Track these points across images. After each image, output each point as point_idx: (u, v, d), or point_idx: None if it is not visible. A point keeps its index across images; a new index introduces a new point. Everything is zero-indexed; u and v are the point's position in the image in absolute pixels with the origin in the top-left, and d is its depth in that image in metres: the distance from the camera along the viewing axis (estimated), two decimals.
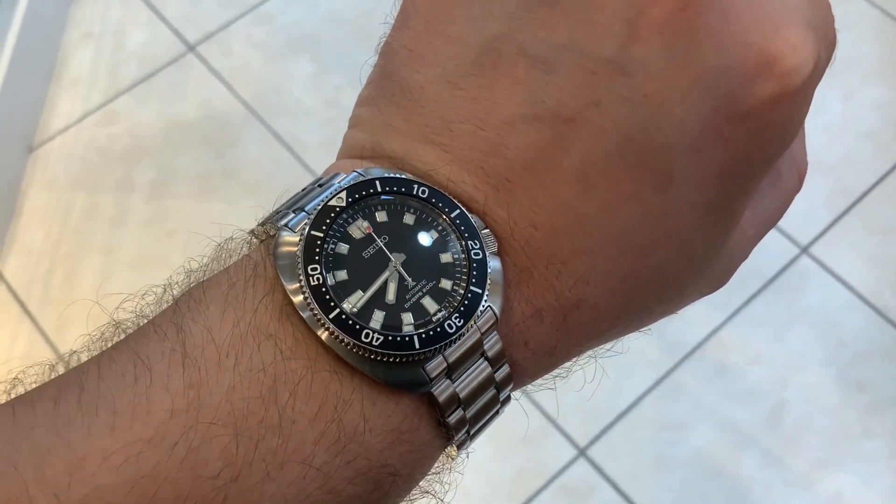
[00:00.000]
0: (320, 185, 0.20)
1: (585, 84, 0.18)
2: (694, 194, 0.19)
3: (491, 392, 0.19)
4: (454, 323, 0.18)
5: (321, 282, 0.18)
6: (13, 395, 0.18)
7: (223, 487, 0.16)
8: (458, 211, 0.19)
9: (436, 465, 0.20)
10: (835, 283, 1.14)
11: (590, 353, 0.22)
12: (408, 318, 0.18)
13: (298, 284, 0.18)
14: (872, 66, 1.29)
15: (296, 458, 0.16)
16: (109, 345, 0.19)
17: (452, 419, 0.19)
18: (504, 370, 0.19)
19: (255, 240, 0.20)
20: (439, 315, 0.19)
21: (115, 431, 0.16)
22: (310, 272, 0.18)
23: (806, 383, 1.09)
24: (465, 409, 0.19)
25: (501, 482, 1.03)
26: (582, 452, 1.05)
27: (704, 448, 1.05)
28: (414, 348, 0.18)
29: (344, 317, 0.18)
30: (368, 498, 0.18)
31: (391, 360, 0.18)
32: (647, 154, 0.18)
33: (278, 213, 0.20)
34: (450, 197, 0.19)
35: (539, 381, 0.22)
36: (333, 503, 0.17)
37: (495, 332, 0.19)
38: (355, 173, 0.20)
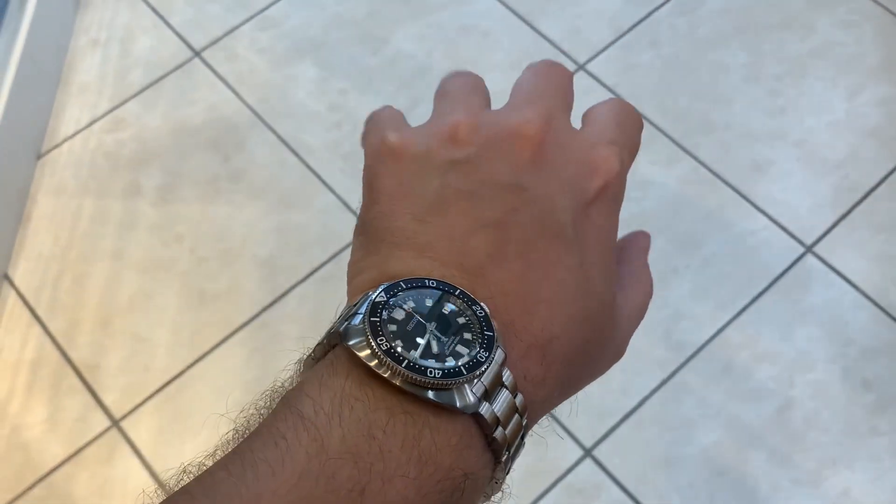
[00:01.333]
0: (355, 305, 0.27)
1: (502, 200, 0.29)
2: (588, 254, 0.29)
3: (517, 417, 0.27)
4: (483, 355, 0.26)
5: (390, 347, 0.26)
6: (182, 482, 0.25)
7: (357, 497, 0.23)
8: (459, 290, 0.27)
9: (491, 483, 0.28)
10: (840, 282, 1.14)
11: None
12: (451, 360, 0.26)
13: (371, 353, 0.26)
14: (877, 63, 1.29)
15: (398, 474, 0.24)
16: (237, 441, 0.26)
17: (497, 435, 0.26)
18: (520, 398, 0.27)
19: (321, 349, 0.28)
20: (471, 354, 0.26)
21: (275, 475, 0.23)
22: (379, 343, 0.26)
23: (813, 382, 1.09)
24: (504, 428, 0.26)
25: (509, 482, 1.03)
26: (588, 452, 1.05)
27: (711, 447, 1.05)
28: (463, 375, 0.26)
29: (411, 363, 0.26)
30: (451, 497, 0.25)
31: (448, 385, 0.26)
32: (553, 231, 0.29)
33: (335, 326, 0.27)
34: (450, 283, 0.28)
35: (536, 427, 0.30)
36: (429, 502, 0.24)
37: (507, 368, 0.27)
38: (383, 284, 0.27)
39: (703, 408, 1.07)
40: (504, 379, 0.27)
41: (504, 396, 0.26)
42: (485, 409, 0.26)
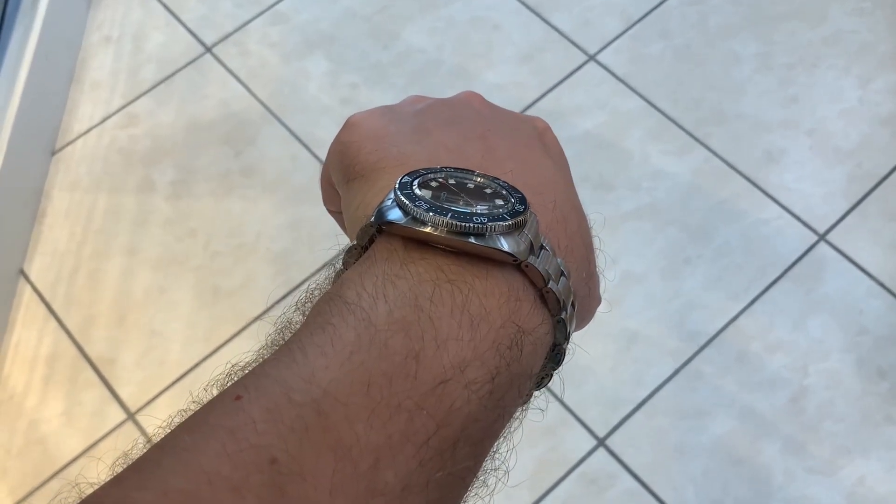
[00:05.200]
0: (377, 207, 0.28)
1: (475, 123, 0.32)
2: (559, 162, 0.32)
3: (564, 279, 0.27)
4: (521, 206, 0.27)
5: (429, 206, 0.26)
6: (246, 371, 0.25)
7: (412, 362, 0.23)
8: (477, 171, 0.28)
9: (556, 357, 0.28)
10: (854, 270, 1.14)
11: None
12: (491, 211, 0.27)
13: (413, 217, 0.26)
14: (889, 51, 1.28)
15: (451, 338, 0.24)
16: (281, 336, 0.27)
17: (552, 287, 0.26)
18: (561, 261, 0.27)
19: (356, 249, 0.28)
20: (507, 206, 0.27)
21: (325, 354, 0.23)
22: (417, 205, 0.26)
23: (827, 370, 1.08)
24: (556, 283, 0.27)
25: (522, 472, 1.04)
26: (601, 442, 1.06)
27: (725, 436, 1.05)
28: (506, 220, 0.26)
29: (458, 213, 0.26)
30: (510, 353, 0.25)
31: (494, 229, 0.25)
32: (528, 141, 0.32)
33: (368, 217, 0.27)
34: (465, 168, 0.29)
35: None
36: (487, 359, 0.24)
37: (543, 234, 0.27)
38: (401, 177, 0.28)
39: (716, 397, 1.07)
40: (544, 241, 0.27)
41: (548, 256, 0.27)
42: (534, 261, 0.26)
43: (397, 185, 0.27)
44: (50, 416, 1.12)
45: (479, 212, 0.26)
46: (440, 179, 0.28)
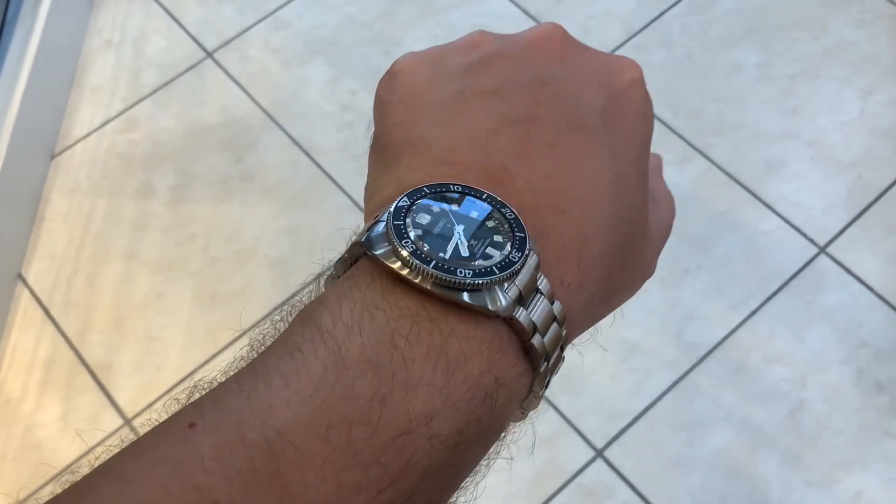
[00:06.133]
0: (376, 217, 0.26)
1: (526, 95, 0.28)
2: (621, 149, 0.28)
3: (555, 326, 0.25)
4: (516, 255, 0.25)
5: (415, 249, 0.24)
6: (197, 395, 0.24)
7: (377, 407, 0.22)
8: (486, 193, 0.26)
9: (530, 407, 0.26)
10: (854, 283, 1.13)
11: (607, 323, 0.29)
12: (481, 262, 0.25)
13: (397, 256, 0.24)
14: (891, 63, 1.28)
15: (422, 383, 0.22)
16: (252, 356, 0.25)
17: (535, 342, 0.25)
18: (559, 305, 0.26)
19: (341, 265, 0.26)
20: (503, 254, 0.25)
21: (289, 386, 0.22)
22: (404, 245, 0.24)
23: (825, 383, 1.08)
24: (542, 336, 0.25)
25: (520, 483, 1.03)
26: (599, 453, 1.05)
27: (723, 448, 1.05)
28: (495, 275, 0.24)
29: (440, 264, 0.24)
30: (482, 406, 0.23)
31: (479, 286, 0.24)
32: (583, 123, 0.27)
33: (360, 235, 0.26)
34: (476, 187, 0.26)
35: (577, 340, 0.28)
36: (457, 412, 0.23)
37: (542, 275, 0.25)
38: (404, 193, 0.26)
39: (715, 409, 1.07)
40: (539, 284, 0.25)
41: (541, 303, 0.25)
42: (520, 313, 0.24)
43: (392, 210, 0.25)
44: (46, 421, 1.11)
45: (465, 260, 0.25)
46: (443, 203, 0.26)
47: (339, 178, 1.24)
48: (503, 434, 0.26)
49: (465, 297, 0.24)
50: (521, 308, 0.25)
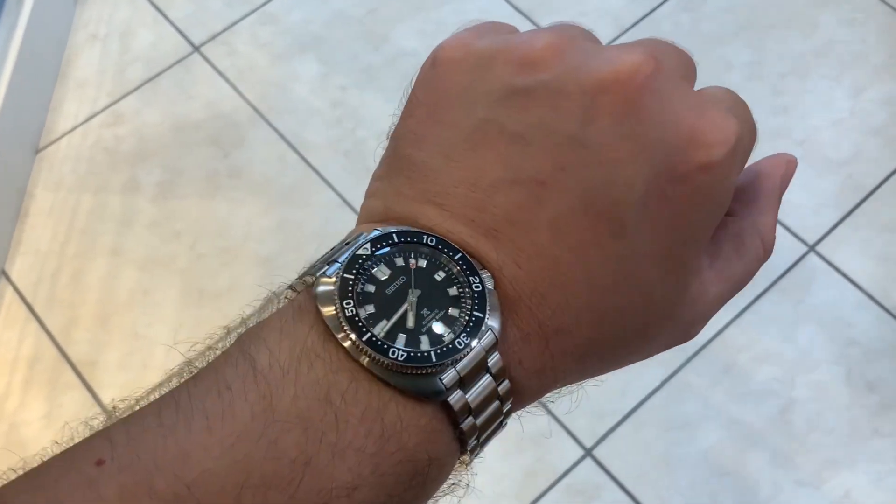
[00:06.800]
0: (347, 244, 0.24)
1: (553, 154, 0.23)
2: (646, 243, 0.24)
3: (496, 404, 0.23)
4: (463, 341, 0.23)
5: (354, 314, 0.22)
6: (114, 419, 0.23)
7: (300, 469, 0.20)
8: (460, 254, 0.24)
9: (454, 470, 0.25)
10: (843, 282, 1.13)
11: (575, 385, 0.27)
12: (425, 339, 0.23)
13: (335, 315, 0.22)
14: (881, 61, 1.28)
15: (352, 447, 0.21)
16: (185, 377, 0.23)
17: (465, 425, 0.23)
18: (505, 385, 0.23)
19: (292, 292, 0.25)
20: (450, 336, 0.23)
21: (211, 431, 0.21)
22: (345, 306, 0.23)
23: (815, 382, 1.08)
24: (475, 418, 0.23)
25: (509, 482, 1.03)
26: (588, 452, 1.05)
27: (712, 448, 1.05)
28: (431, 362, 0.22)
29: (374, 339, 0.22)
30: (411, 482, 0.22)
31: (414, 372, 0.22)
32: (604, 208, 0.23)
33: (315, 267, 0.24)
34: (453, 243, 0.24)
35: (530, 406, 0.26)
36: (383, 484, 0.21)
37: (496, 352, 0.23)
38: (376, 231, 0.24)
39: (704, 408, 1.07)
40: (489, 362, 0.23)
41: (485, 382, 0.23)
42: (455, 396, 0.23)
43: (349, 259, 0.23)
44: (30, 420, 1.10)
45: (408, 332, 0.23)
46: (410, 258, 0.24)
47: (327, 174, 1.23)
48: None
49: (394, 379, 0.22)
50: (459, 391, 0.23)
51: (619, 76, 0.24)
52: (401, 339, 0.23)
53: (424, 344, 0.23)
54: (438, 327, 0.23)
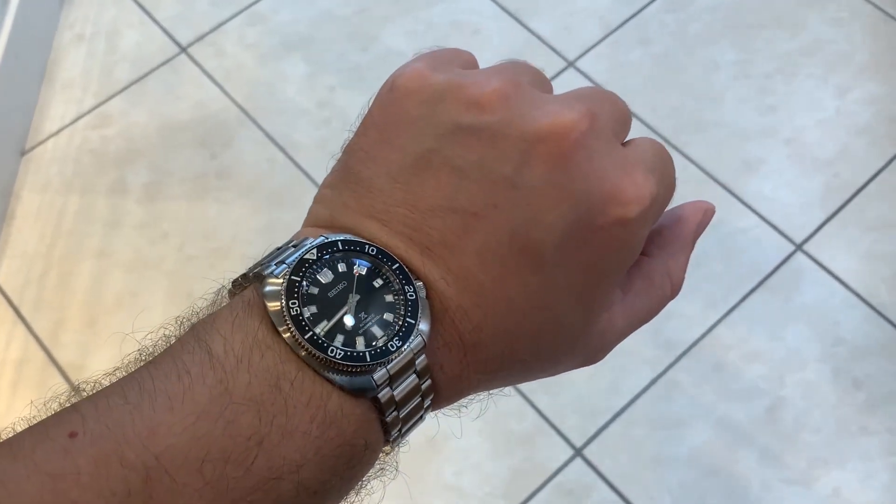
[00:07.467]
0: (294, 246, 0.26)
1: (488, 191, 0.26)
2: (561, 279, 0.26)
3: (417, 399, 0.26)
4: (395, 344, 0.25)
5: (299, 313, 0.25)
6: (81, 397, 0.24)
7: (254, 447, 0.23)
8: (398, 264, 0.26)
9: (379, 458, 0.27)
10: (830, 280, 1.14)
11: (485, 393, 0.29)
12: (360, 340, 0.25)
13: (280, 312, 0.25)
14: (866, 61, 1.29)
15: (299, 430, 0.23)
16: (140, 365, 0.25)
17: (389, 418, 0.26)
18: (427, 382, 0.26)
19: (241, 288, 0.27)
20: (383, 339, 0.25)
21: (173, 411, 0.23)
22: (290, 306, 0.25)
23: (803, 381, 1.08)
24: (398, 411, 0.26)
25: (498, 482, 1.03)
26: (578, 452, 1.05)
27: (702, 447, 1.05)
28: (366, 361, 0.25)
29: (315, 337, 0.25)
30: (349, 464, 0.25)
31: (350, 370, 0.25)
32: (527, 245, 0.26)
33: (263, 266, 0.26)
34: (392, 254, 0.26)
35: (446, 409, 0.29)
36: (325, 464, 0.24)
37: (423, 354, 0.26)
38: (322, 237, 0.26)
39: (693, 407, 1.07)
40: (416, 363, 0.26)
41: (410, 379, 0.26)
42: (384, 393, 0.25)
43: (294, 263, 0.25)
44: (17, 423, 1.09)
45: (346, 332, 0.25)
46: (352, 265, 0.26)
47: (316, 175, 1.23)
48: (360, 484, 0.27)
49: (330, 374, 0.24)
50: (388, 388, 0.25)
51: (556, 129, 0.26)
52: (339, 338, 0.25)
53: (360, 344, 0.25)
54: (374, 330, 0.26)
